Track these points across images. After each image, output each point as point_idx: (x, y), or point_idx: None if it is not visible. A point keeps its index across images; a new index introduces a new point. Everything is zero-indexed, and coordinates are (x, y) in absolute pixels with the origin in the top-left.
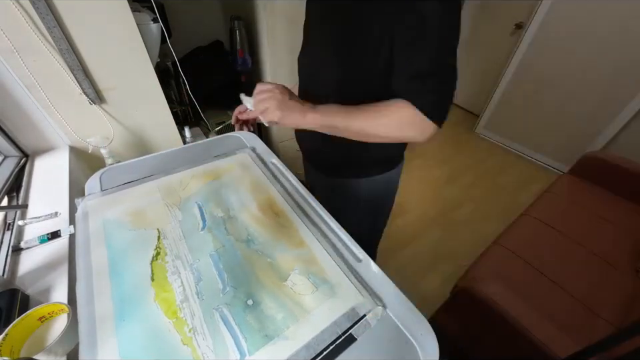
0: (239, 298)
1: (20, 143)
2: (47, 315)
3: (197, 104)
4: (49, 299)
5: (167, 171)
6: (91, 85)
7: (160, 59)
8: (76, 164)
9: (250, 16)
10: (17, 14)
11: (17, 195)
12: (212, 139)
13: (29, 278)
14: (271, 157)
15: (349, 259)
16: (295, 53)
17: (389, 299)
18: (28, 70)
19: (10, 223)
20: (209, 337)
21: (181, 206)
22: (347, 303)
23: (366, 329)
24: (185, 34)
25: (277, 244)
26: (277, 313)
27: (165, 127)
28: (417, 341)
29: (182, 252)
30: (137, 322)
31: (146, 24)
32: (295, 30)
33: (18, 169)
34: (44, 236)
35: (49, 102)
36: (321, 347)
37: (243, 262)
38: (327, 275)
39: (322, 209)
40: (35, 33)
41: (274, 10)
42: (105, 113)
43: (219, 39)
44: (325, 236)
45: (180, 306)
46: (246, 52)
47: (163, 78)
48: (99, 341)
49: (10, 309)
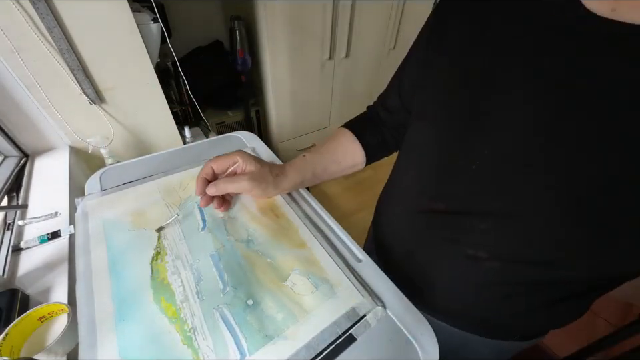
0: (239, 298)
1: (20, 143)
2: (47, 314)
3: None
4: (48, 299)
5: (167, 171)
6: (90, 85)
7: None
8: (76, 164)
9: (250, 16)
10: (16, 14)
11: (17, 195)
12: (212, 138)
13: (28, 278)
14: (271, 157)
15: (349, 259)
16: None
17: (389, 299)
18: (28, 70)
19: (10, 223)
20: (209, 336)
21: (181, 206)
22: (347, 303)
23: (366, 328)
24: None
25: (277, 244)
26: (277, 313)
27: (165, 127)
28: (417, 340)
29: (182, 252)
30: (136, 322)
31: (146, 24)
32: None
33: (18, 169)
34: (44, 236)
35: (48, 102)
36: (321, 346)
37: (243, 262)
38: (327, 275)
39: (322, 209)
40: (35, 33)
41: (274, 10)
42: (104, 112)
43: (218, 39)
44: (325, 236)
45: (180, 306)
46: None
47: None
48: (99, 341)
49: (10, 309)
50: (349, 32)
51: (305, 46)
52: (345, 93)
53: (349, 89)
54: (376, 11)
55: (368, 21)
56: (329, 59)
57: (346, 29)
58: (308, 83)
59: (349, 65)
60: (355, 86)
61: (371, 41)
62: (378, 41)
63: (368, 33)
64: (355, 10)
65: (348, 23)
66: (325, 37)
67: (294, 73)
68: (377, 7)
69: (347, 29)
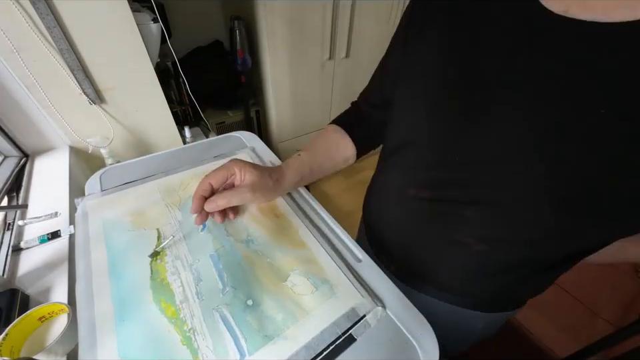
0: (239, 298)
1: (20, 143)
2: (47, 315)
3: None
4: (48, 299)
5: (167, 171)
6: (90, 85)
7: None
8: (76, 164)
9: (250, 16)
10: (17, 14)
11: (16, 195)
12: (212, 139)
13: (28, 278)
14: (271, 157)
15: (349, 259)
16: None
17: (388, 299)
18: (28, 70)
19: (10, 223)
20: (209, 337)
21: (181, 206)
22: (347, 303)
23: (366, 329)
24: (184, 34)
25: (277, 244)
26: (276, 313)
27: (165, 127)
28: (417, 340)
29: (182, 252)
30: (136, 322)
31: (146, 24)
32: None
33: (18, 169)
34: (44, 236)
35: (48, 102)
36: (321, 347)
37: (242, 262)
38: (326, 275)
39: (322, 209)
40: (35, 33)
41: (274, 10)
42: (104, 113)
43: (218, 39)
44: (324, 236)
45: (179, 306)
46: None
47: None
48: (99, 341)
49: (10, 309)
50: (349, 32)
51: (305, 46)
52: (344, 93)
53: (349, 89)
54: (376, 10)
55: (368, 21)
56: (329, 58)
57: (346, 29)
58: (308, 82)
59: (349, 65)
60: (354, 86)
61: (370, 41)
62: (378, 41)
63: (368, 33)
64: (355, 10)
65: (348, 23)
66: (325, 37)
67: (294, 73)
68: (376, 7)
69: (347, 29)
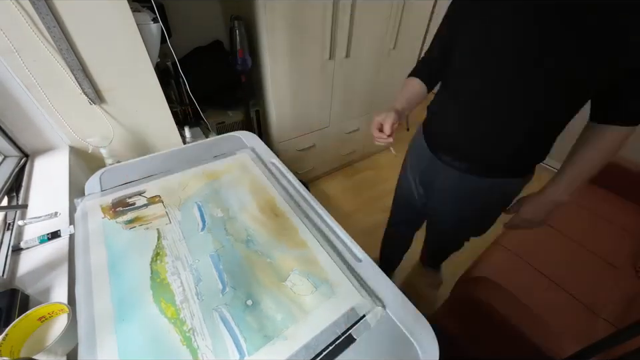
0: (239, 298)
1: (20, 143)
2: (47, 315)
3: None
4: (48, 299)
5: (167, 171)
6: (90, 85)
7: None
8: (76, 164)
9: (250, 16)
10: (17, 14)
11: (16, 195)
12: (212, 139)
13: (28, 278)
14: (271, 157)
15: (349, 259)
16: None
17: (388, 299)
18: (28, 70)
19: (10, 222)
20: (209, 337)
21: (180, 206)
22: (347, 303)
23: (366, 329)
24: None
25: (277, 244)
26: (276, 313)
27: (165, 127)
28: (417, 340)
29: (182, 252)
30: (136, 322)
31: (146, 24)
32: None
33: (18, 169)
34: (44, 236)
35: (48, 102)
36: (321, 347)
37: (242, 262)
38: (326, 275)
39: (322, 209)
40: (35, 33)
41: (274, 10)
42: (104, 113)
43: (218, 39)
44: (324, 236)
45: (179, 306)
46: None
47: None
48: (99, 341)
49: (10, 308)
50: (349, 32)
51: (305, 46)
52: (345, 93)
53: (349, 89)
54: (376, 10)
55: (368, 21)
56: (329, 59)
57: (346, 28)
58: (308, 82)
59: (349, 65)
60: (355, 86)
61: (370, 41)
62: (378, 40)
63: (368, 33)
64: (355, 10)
65: (348, 23)
66: (325, 37)
67: (294, 73)
68: (377, 7)
69: (347, 28)
